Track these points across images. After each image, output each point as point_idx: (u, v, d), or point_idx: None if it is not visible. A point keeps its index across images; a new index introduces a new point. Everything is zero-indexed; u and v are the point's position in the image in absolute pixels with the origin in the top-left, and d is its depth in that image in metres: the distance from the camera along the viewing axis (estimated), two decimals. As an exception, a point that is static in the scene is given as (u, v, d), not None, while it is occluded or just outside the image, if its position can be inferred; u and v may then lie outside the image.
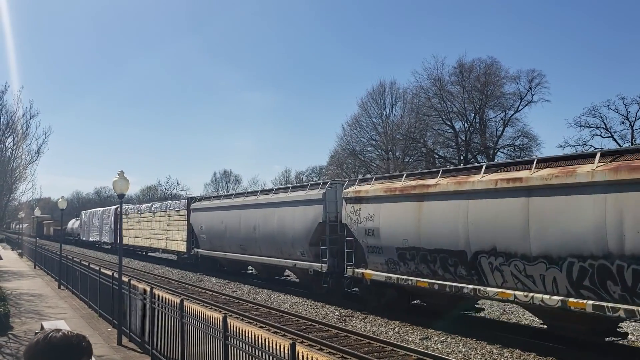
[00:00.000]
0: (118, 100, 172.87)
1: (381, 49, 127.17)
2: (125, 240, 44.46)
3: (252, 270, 31.67)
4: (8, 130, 22.66)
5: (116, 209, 49.69)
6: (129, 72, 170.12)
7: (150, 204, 45.00)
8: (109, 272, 17.20)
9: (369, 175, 33.99)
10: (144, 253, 47.43)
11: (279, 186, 42.24)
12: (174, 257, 39.80)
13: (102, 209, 59.41)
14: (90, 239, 60.80)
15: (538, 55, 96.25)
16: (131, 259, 45.33)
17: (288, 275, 29.15)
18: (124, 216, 45.29)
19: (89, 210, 65.42)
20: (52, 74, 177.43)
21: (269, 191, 27.66)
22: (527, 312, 16.40)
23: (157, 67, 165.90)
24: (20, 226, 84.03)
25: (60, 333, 2.40)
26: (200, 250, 32.45)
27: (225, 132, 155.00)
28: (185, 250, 34.79)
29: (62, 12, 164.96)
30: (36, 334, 2.46)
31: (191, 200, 35.74)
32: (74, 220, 77.99)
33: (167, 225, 38.53)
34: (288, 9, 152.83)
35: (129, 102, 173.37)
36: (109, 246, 53.94)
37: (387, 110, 57.67)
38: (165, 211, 39.23)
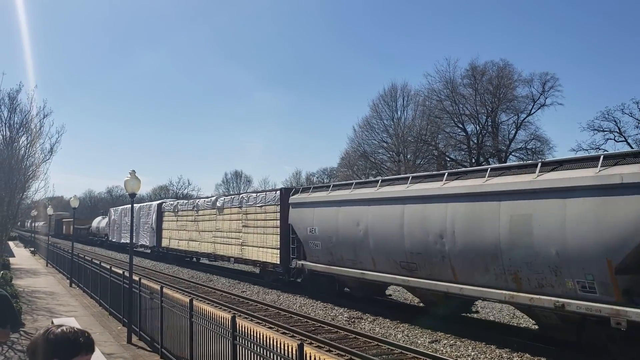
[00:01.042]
0: (130, 100, 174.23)
1: (393, 51, 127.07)
2: (173, 244, 39.72)
3: (390, 295, 23.55)
4: (22, 128, 22.87)
5: (159, 204, 43.56)
6: (141, 72, 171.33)
7: (212, 198, 35.43)
8: (120, 271, 17.31)
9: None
10: (196, 259, 40.25)
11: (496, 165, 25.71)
12: (253, 269, 30.81)
13: (138, 205, 48.47)
14: (122, 241, 52.03)
15: (551, 59, 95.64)
16: (187, 268, 36.42)
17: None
18: (170, 214, 40.96)
19: (120, 207, 56.53)
20: (66, 73, 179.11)
21: (464, 173, 16.40)
22: (536, 316, 16.82)
23: (169, 67, 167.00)
24: (34, 224, 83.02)
25: (60, 329, 2.46)
26: (309, 263, 22.40)
27: (236, 132, 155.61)
28: (278, 262, 25.03)
29: (77, 14, 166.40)
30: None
31: (287, 191, 25.54)
32: (99, 218, 70.89)
33: (243, 226, 29.07)
34: (300, 9, 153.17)
35: (140, 102, 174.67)
36: (149, 250, 45.93)
37: (399, 112, 57.62)
38: (240, 207, 29.51)
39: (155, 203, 44.82)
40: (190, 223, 36.70)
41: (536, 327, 16.03)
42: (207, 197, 36.21)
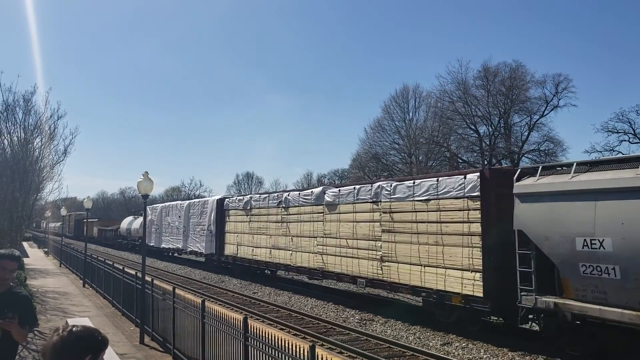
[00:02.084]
0: (143, 102, 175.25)
1: (405, 51, 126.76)
2: (244, 252, 29.92)
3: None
4: (36, 130, 23.08)
5: (220, 200, 33.78)
6: (155, 75, 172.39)
7: (315, 190, 24.00)
8: (132, 272, 17.42)
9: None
10: (265, 271, 29.67)
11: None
12: (408, 298, 21.10)
13: (187, 201, 40.30)
14: (164, 245, 42.59)
15: (565, 59, 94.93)
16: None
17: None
18: (237, 212, 31.32)
19: (159, 205, 47.40)
20: (80, 75, 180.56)
21: None
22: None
23: (182, 70, 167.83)
24: (44, 225, 79.13)
25: (80, 328, 2.53)
26: (585, 305, 11.79)
27: (247, 134, 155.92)
28: (481, 294, 14.79)
29: (90, 16, 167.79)
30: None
31: (499, 173, 15.80)
32: (130, 218, 59.23)
33: (384, 231, 18.89)
34: (311, 11, 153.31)
35: (153, 104, 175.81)
36: (203, 258, 37.08)
37: (411, 114, 57.57)
38: (376, 201, 19.46)
39: (213, 198, 35.21)
40: (273, 225, 26.96)
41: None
42: (302, 190, 25.73)
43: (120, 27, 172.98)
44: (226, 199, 33.49)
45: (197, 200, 40.21)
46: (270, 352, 7.41)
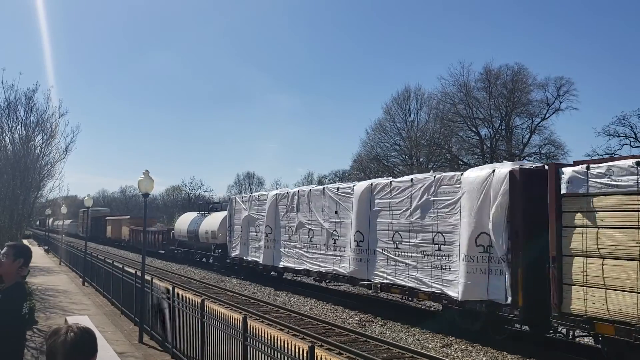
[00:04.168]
0: (143, 100, 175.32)
1: (407, 53, 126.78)
2: None
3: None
4: (38, 128, 23.15)
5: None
6: (155, 73, 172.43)
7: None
8: (132, 270, 17.42)
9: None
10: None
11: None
12: None
13: (295, 190, 25.05)
14: (251, 258, 27.62)
15: (567, 62, 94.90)
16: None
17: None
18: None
19: (256, 194, 28.97)
20: (81, 73, 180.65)
21: None
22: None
23: (183, 68, 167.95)
24: (49, 222, 70.29)
25: (82, 328, 2.52)
26: None
27: (248, 133, 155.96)
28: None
29: (92, 15, 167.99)
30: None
31: None
32: (192, 217, 40.66)
33: None
34: (314, 13, 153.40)
35: (154, 102, 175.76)
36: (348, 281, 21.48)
37: (412, 116, 57.62)
38: None
39: (363, 183, 20.20)
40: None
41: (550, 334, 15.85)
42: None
43: (125, 27, 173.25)
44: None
45: (341, 184, 22.52)
46: (269, 352, 7.40)
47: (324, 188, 22.09)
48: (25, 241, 56.42)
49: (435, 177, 16.09)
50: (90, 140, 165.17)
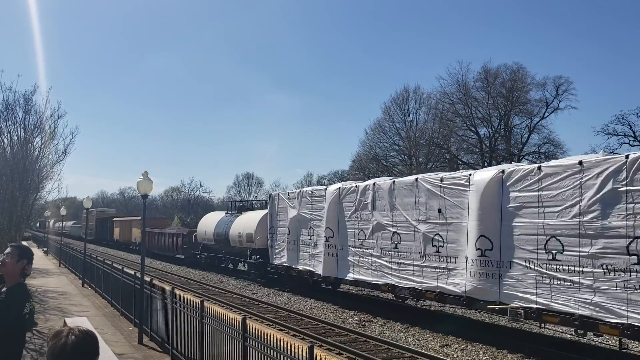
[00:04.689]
0: (142, 102, 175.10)
1: (405, 53, 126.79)
2: None
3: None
4: (36, 130, 23.07)
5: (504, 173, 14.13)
6: (153, 74, 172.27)
7: None
8: (132, 272, 17.39)
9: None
10: None
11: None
12: None
13: (367, 182, 20.16)
14: (303, 267, 23.02)
15: (566, 61, 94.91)
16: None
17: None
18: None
19: (287, 192, 26.31)
20: (79, 75, 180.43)
21: None
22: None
23: (181, 69, 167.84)
24: (50, 224, 68.22)
25: (84, 330, 2.52)
26: None
27: (247, 134, 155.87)
28: None
29: (90, 16, 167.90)
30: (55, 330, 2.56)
31: None
32: (220, 217, 35.42)
33: None
34: (313, 12, 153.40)
35: (152, 104, 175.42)
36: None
37: (411, 115, 57.60)
38: None
39: (492, 170, 15.27)
40: None
41: (550, 333, 15.86)
42: None
43: (124, 29, 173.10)
44: None
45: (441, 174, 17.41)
46: (269, 352, 7.39)
47: (416, 179, 17.04)
48: (24, 243, 55.78)
49: (629, 157, 11.42)
50: (89, 142, 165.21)
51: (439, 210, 15.78)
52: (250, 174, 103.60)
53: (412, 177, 17.69)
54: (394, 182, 18.06)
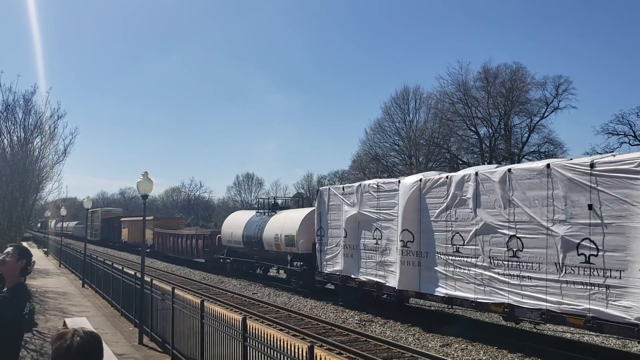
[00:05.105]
0: (142, 102, 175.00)
1: (405, 52, 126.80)
2: None
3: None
4: (36, 130, 23.06)
5: None
6: (153, 75, 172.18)
7: None
8: (132, 272, 17.39)
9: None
10: None
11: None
12: None
13: (465, 172, 15.84)
14: (366, 277, 19.18)
15: (566, 61, 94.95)
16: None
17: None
18: None
19: (339, 186, 22.18)
20: (79, 76, 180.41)
21: None
22: (549, 322, 14.65)
23: (181, 70, 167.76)
24: (52, 225, 66.95)
25: (87, 332, 2.52)
26: None
27: (247, 134, 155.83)
28: None
29: (90, 18, 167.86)
30: (59, 331, 2.55)
31: None
32: (240, 218, 32.70)
33: None
34: (312, 12, 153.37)
35: (152, 104, 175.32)
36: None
37: (411, 115, 57.57)
38: None
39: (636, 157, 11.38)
40: None
41: (550, 333, 15.86)
42: None
43: (124, 30, 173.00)
44: None
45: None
46: (269, 352, 7.40)
47: (548, 165, 12.86)
48: (24, 243, 55.56)
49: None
50: (89, 142, 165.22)
51: (590, 207, 11.76)
52: (250, 174, 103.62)
53: (540, 163, 13.60)
54: (509, 170, 13.91)
